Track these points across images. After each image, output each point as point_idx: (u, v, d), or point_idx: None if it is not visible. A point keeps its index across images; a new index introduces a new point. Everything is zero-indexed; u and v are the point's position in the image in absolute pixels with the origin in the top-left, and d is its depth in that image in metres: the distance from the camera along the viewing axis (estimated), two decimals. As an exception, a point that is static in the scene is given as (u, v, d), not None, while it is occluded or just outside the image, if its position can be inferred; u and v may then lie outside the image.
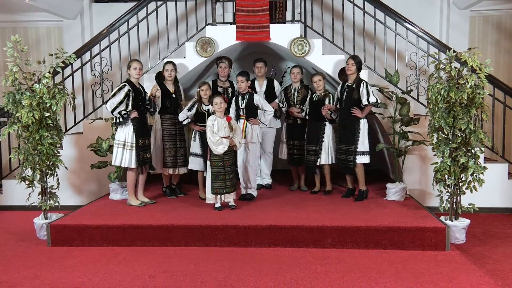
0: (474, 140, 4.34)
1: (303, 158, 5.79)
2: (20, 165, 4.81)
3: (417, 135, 5.32)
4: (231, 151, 4.97)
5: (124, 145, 5.06)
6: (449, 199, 4.53)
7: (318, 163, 5.52)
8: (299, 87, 5.80)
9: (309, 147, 5.59)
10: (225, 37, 5.88)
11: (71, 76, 6.05)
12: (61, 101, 4.58)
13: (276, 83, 6.08)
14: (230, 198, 4.95)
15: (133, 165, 5.07)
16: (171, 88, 5.45)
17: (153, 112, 5.35)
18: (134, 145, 5.04)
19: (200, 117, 5.33)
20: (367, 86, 5.11)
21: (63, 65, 4.92)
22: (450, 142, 4.44)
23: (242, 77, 5.31)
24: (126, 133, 5.05)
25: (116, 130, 5.46)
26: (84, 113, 6.35)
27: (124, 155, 5.06)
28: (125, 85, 5.02)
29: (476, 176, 4.42)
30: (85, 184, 6.03)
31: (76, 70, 6.02)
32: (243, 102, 5.35)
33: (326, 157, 5.49)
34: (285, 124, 6.00)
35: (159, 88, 5.35)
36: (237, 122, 5.32)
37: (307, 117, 5.66)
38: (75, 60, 4.99)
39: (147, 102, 5.27)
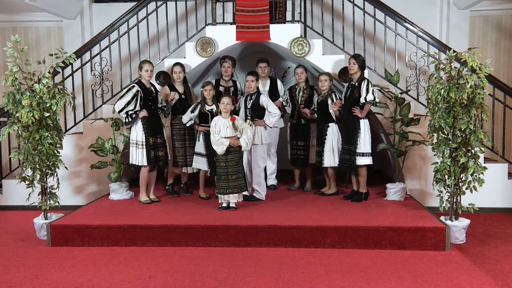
0: (474, 140, 4.34)
1: (307, 158, 5.79)
2: (20, 165, 4.81)
3: (417, 135, 5.32)
4: (236, 152, 4.95)
5: (136, 144, 5.14)
6: (449, 199, 4.53)
7: (323, 165, 5.49)
8: (304, 87, 5.79)
9: (317, 148, 5.59)
10: (225, 37, 5.88)
11: (71, 76, 6.05)
12: (61, 101, 4.59)
13: (279, 83, 6.07)
14: (233, 199, 4.94)
15: (145, 163, 5.13)
16: (180, 89, 5.51)
17: (169, 114, 5.45)
18: (144, 143, 5.12)
19: (204, 117, 5.33)
20: (367, 85, 5.08)
21: (63, 65, 4.92)
22: (450, 142, 4.44)
23: (253, 76, 5.30)
24: (137, 133, 5.15)
25: (116, 130, 5.53)
26: (84, 113, 6.35)
27: (137, 154, 5.14)
28: (133, 86, 5.11)
29: (476, 176, 4.42)
30: (85, 184, 6.02)
31: (76, 70, 6.01)
32: (249, 102, 5.34)
33: (329, 159, 5.44)
34: (289, 124, 5.99)
35: (176, 92, 5.42)
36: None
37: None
38: (75, 60, 4.99)
39: (163, 104, 5.35)
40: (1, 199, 6.07)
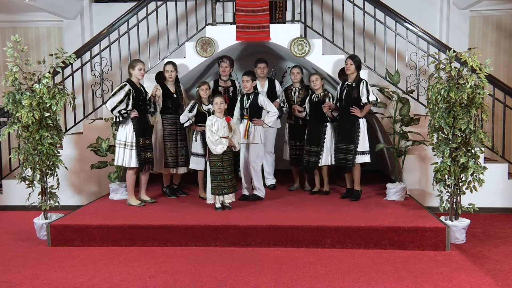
0: (474, 140, 4.34)
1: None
2: (20, 165, 4.81)
3: (417, 135, 5.32)
4: (230, 152, 4.96)
5: (125, 145, 5.07)
6: (449, 199, 4.53)
7: (319, 164, 5.51)
8: (300, 87, 5.81)
9: (310, 148, 5.58)
10: (225, 37, 5.88)
11: (71, 76, 6.05)
12: (61, 101, 4.58)
13: (277, 84, 6.08)
14: (228, 199, 4.95)
15: (134, 165, 5.08)
16: (172, 88, 5.47)
17: (153, 112, 5.37)
18: (134, 144, 5.05)
19: (201, 117, 5.33)
20: (367, 85, 5.12)
21: (63, 65, 4.91)
22: (450, 142, 4.44)
23: (247, 76, 5.27)
24: (126, 133, 5.07)
25: (116, 130, 5.48)
26: (84, 113, 6.35)
27: (125, 155, 5.07)
28: (125, 85, 5.04)
29: (476, 176, 4.42)
30: (85, 184, 6.02)
31: (76, 70, 6.02)
32: (247, 102, 5.33)
33: (326, 158, 5.48)
34: (287, 124, 6.00)
35: (159, 88, 5.36)
36: (241, 122, 5.32)
37: (307, 118, 5.65)
38: (75, 60, 4.98)
39: (147, 102, 5.29)
40: (1, 199, 6.07)
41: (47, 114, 4.54)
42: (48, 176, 4.74)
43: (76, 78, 6.13)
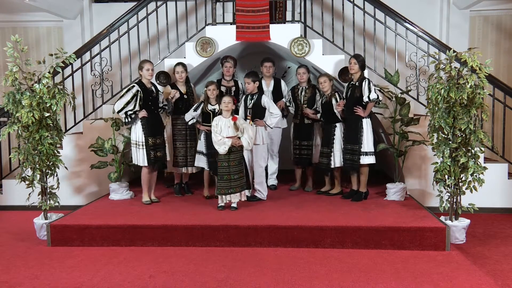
0: (474, 140, 4.34)
1: (310, 158, 5.78)
2: (20, 165, 4.81)
3: (417, 135, 5.32)
4: (238, 151, 4.94)
5: (136, 144, 5.14)
6: (449, 199, 4.53)
7: (332, 166, 5.45)
8: (306, 86, 5.80)
9: (322, 149, 5.58)
10: (225, 37, 5.88)
11: (71, 76, 6.05)
12: (61, 101, 4.59)
13: (283, 83, 6.07)
14: (235, 199, 4.94)
15: (145, 164, 5.12)
16: (182, 89, 5.51)
17: (171, 112, 5.45)
18: (144, 144, 5.10)
19: (206, 117, 5.34)
20: (369, 84, 5.10)
21: (63, 65, 4.92)
22: (450, 142, 4.44)
23: (248, 78, 5.27)
24: (136, 133, 5.13)
25: (116, 130, 5.53)
26: (84, 113, 6.35)
27: (137, 154, 5.14)
28: (133, 86, 5.08)
29: (476, 176, 4.42)
30: (85, 184, 6.02)
31: (76, 70, 6.02)
32: (251, 102, 5.32)
33: (339, 159, 5.42)
34: (292, 124, 6.00)
35: (176, 90, 5.41)
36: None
37: (321, 119, 5.63)
38: (75, 60, 4.99)
39: (165, 103, 5.34)
40: (1, 199, 6.07)
41: (47, 114, 4.55)
42: (48, 176, 4.75)
43: (76, 78, 6.13)
